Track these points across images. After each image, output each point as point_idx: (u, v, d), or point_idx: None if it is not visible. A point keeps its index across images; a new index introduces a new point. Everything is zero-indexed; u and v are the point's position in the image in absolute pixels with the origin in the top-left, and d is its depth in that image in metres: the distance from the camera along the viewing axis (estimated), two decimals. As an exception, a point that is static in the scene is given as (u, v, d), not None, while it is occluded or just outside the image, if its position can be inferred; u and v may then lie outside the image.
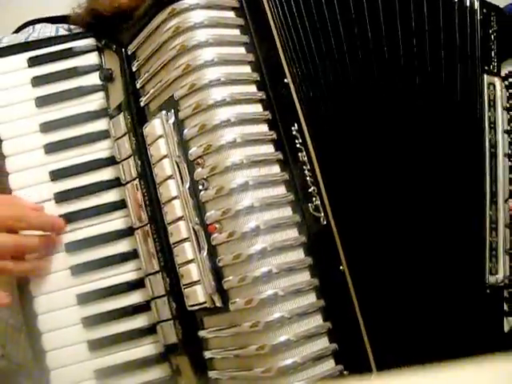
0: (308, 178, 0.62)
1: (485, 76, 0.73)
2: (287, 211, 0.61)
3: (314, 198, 0.62)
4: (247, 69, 0.63)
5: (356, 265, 0.61)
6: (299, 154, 0.62)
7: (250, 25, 0.64)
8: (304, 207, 0.61)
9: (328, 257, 0.61)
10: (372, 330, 0.60)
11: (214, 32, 0.62)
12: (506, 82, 0.77)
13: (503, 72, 0.77)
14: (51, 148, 0.72)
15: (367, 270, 0.62)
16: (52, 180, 0.71)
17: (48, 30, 0.79)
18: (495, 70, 0.75)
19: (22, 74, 0.73)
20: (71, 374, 0.67)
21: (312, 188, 0.62)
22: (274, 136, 0.62)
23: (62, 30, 0.79)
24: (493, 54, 0.74)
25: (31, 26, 0.81)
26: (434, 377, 0.37)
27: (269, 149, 0.61)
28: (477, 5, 0.75)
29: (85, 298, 0.69)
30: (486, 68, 0.74)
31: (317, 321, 0.60)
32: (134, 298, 0.69)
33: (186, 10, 0.62)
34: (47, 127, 0.72)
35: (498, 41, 0.75)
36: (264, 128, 0.62)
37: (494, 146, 0.71)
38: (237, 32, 0.64)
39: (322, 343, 0.59)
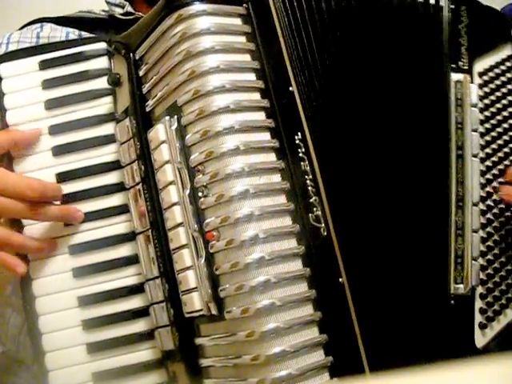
0: (310, 188, 0.61)
1: (452, 74, 0.70)
2: (287, 221, 0.60)
3: (314, 209, 0.61)
4: (252, 76, 0.62)
5: (355, 278, 0.60)
6: (301, 164, 0.61)
7: (257, 32, 0.63)
8: (304, 217, 0.60)
9: (327, 268, 0.60)
10: (369, 344, 0.59)
11: (219, 39, 0.62)
12: (484, 78, 0.72)
13: (480, 68, 0.72)
14: (59, 150, 0.72)
15: (367, 283, 0.61)
16: (58, 182, 0.71)
17: (58, 34, 0.80)
18: (465, 67, 0.71)
19: (33, 77, 0.73)
20: (69, 375, 0.68)
21: (313, 198, 0.61)
22: (277, 144, 0.61)
23: (72, 35, 0.80)
24: (463, 50, 0.70)
25: (39, 24, 0.81)
26: (429, 378, 0.36)
27: (271, 157, 0.61)
28: (443, 1, 0.72)
29: (86, 301, 0.69)
30: (454, 66, 0.70)
31: (313, 333, 0.59)
32: (134, 302, 0.69)
33: (192, 15, 0.62)
34: (56, 130, 0.72)
35: (470, 35, 0.71)
36: (267, 136, 0.61)
37: (460, 147, 0.67)
38: (243, 39, 0.63)
39: (318, 355, 0.58)
